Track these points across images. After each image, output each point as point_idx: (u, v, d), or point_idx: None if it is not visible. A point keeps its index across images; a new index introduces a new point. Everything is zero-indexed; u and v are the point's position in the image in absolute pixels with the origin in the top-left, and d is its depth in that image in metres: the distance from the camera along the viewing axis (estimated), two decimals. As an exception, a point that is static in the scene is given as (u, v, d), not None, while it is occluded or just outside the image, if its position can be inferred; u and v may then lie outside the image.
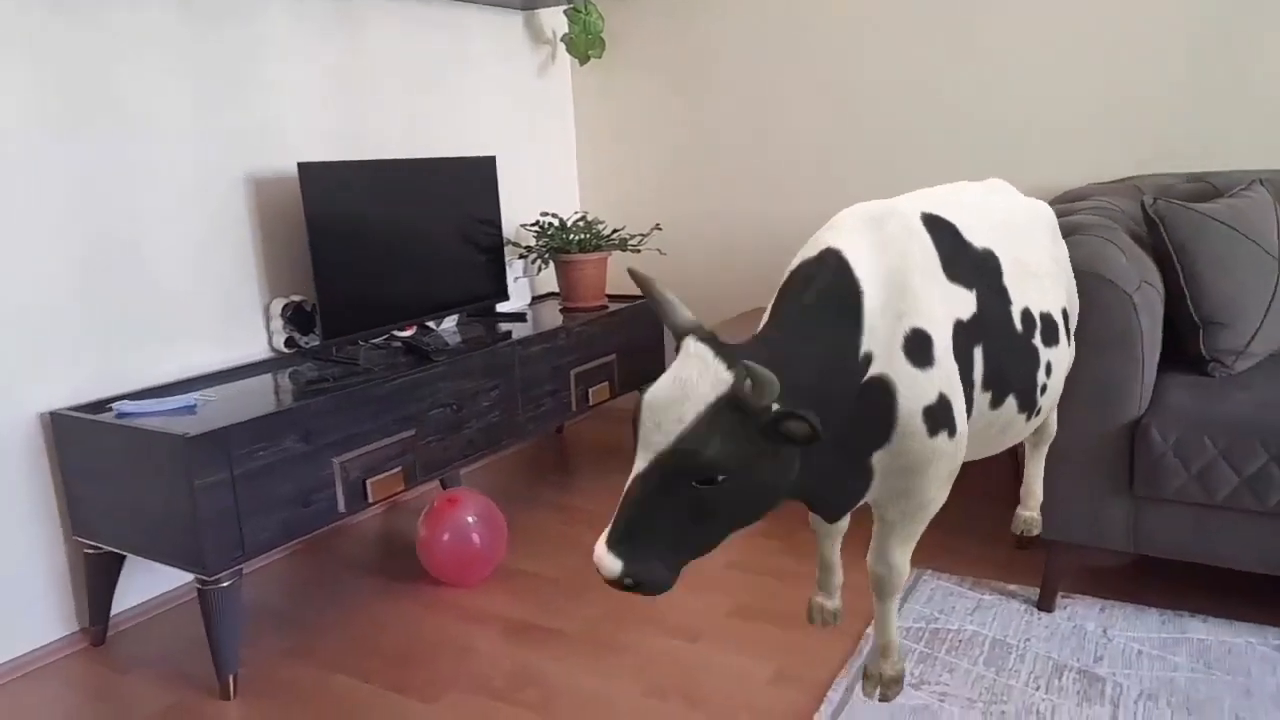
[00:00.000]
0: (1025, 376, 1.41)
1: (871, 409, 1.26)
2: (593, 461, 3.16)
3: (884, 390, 1.25)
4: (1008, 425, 1.44)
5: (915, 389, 1.25)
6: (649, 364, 3.15)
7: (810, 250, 1.33)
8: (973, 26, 2.79)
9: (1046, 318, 1.46)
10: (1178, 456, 1.78)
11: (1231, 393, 1.85)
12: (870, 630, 1.95)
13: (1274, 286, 2.01)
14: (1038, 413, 1.49)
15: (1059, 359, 1.50)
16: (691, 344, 1.15)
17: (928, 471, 1.30)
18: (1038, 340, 1.43)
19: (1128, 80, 2.62)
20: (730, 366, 1.11)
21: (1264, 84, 2.46)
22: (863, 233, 1.30)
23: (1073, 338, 1.66)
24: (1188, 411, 1.81)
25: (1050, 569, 1.98)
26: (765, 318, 1.36)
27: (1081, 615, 1.97)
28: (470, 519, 2.22)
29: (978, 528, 2.40)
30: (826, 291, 1.25)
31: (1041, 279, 1.48)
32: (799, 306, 1.26)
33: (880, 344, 1.25)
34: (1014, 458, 2.43)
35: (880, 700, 1.53)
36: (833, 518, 1.41)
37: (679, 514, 1.13)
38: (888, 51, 2.92)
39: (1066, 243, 1.75)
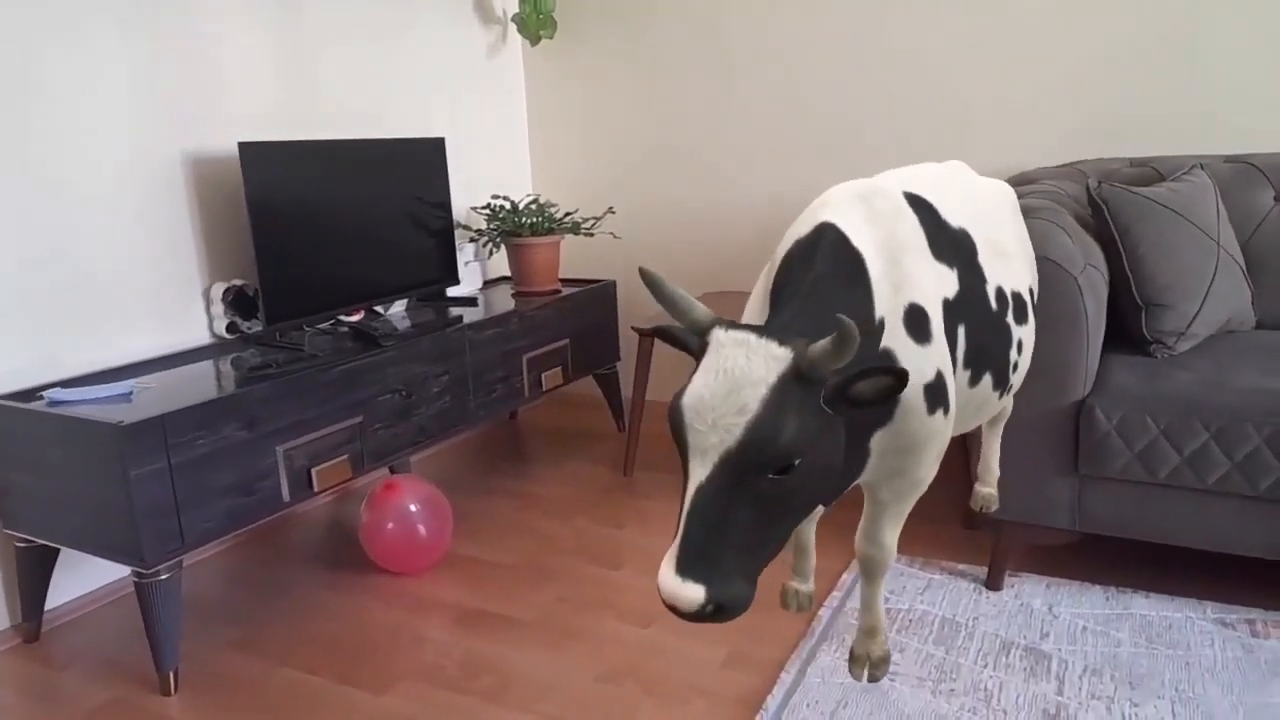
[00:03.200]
0: (1000, 355, 1.42)
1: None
2: (547, 447, 3.13)
3: (889, 364, 1.21)
4: (983, 403, 1.44)
5: (916, 365, 1.23)
6: (603, 348, 3.13)
7: (803, 228, 1.30)
8: (923, 14, 2.80)
9: (1017, 296, 1.47)
10: (1121, 436, 1.81)
11: (1173, 373, 1.89)
12: (823, 612, 1.96)
13: (1214, 269, 2.05)
14: (1009, 390, 1.50)
15: (1028, 337, 1.51)
16: (723, 334, 1.08)
17: (924, 451, 1.29)
18: (1010, 319, 1.44)
19: (1073, 66, 2.65)
20: (782, 342, 1.04)
21: (1206, 70, 2.50)
22: (854, 207, 1.28)
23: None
24: (1131, 392, 1.84)
25: (998, 548, 2.01)
26: (757, 303, 1.32)
27: (1028, 593, 2.00)
28: (413, 507, 2.18)
29: (927, 509, 2.42)
30: (832, 261, 1.22)
31: (1010, 258, 1.49)
32: (809, 280, 1.21)
33: (887, 312, 1.22)
34: (961, 439, 2.45)
35: (869, 681, 1.53)
36: (827, 502, 1.38)
37: (753, 515, 1.03)
38: (840, 37, 2.92)
39: (1015, 225, 1.77)
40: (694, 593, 1.00)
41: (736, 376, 1.03)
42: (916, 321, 1.24)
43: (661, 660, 1.84)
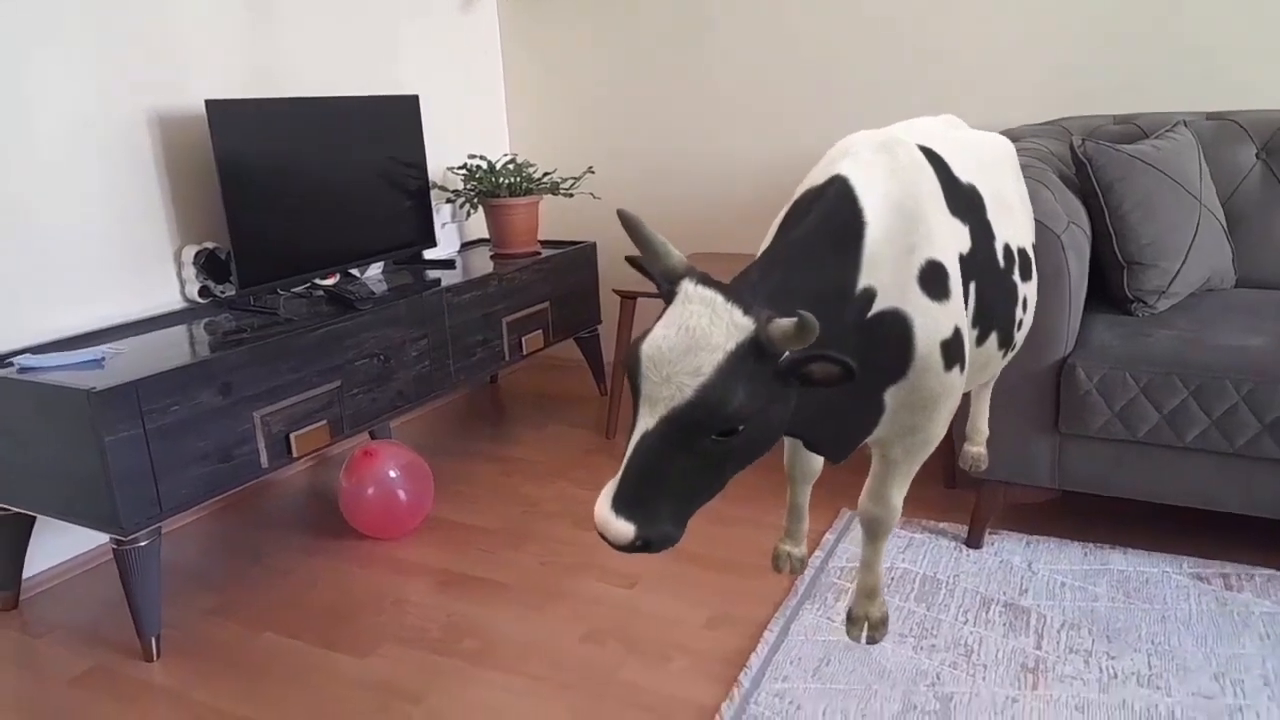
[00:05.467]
0: (1006, 312, 1.41)
1: (885, 343, 1.22)
2: (528, 411, 3.12)
3: (899, 324, 1.21)
4: (988, 361, 1.44)
5: (933, 322, 1.22)
6: (583, 311, 3.10)
7: (819, 176, 1.27)
8: (907, -36, 2.75)
9: (1022, 253, 1.46)
10: (1101, 395, 1.82)
11: (1153, 332, 1.89)
12: (806, 571, 1.97)
13: (1196, 227, 2.05)
14: (1013, 348, 1.49)
15: (1032, 294, 1.50)
16: (691, 288, 1.08)
17: (938, 408, 1.29)
18: (1016, 276, 1.43)
19: (1058, 23, 2.62)
20: (746, 311, 1.05)
21: (1188, 27, 2.48)
22: (876, 159, 1.25)
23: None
24: (1112, 351, 1.84)
25: (979, 507, 2.03)
26: (765, 245, 1.31)
27: (1008, 550, 2.02)
28: (393, 472, 2.17)
29: (909, 468, 2.44)
30: (825, 221, 1.20)
31: (1015, 214, 1.48)
32: (794, 238, 1.20)
33: (886, 277, 1.20)
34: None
35: (868, 643, 1.54)
36: (838, 457, 1.36)
37: (690, 467, 1.07)
38: (822, -11, 2.87)
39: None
40: (624, 529, 1.05)
41: (696, 337, 1.04)
42: (935, 278, 1.23)
43: (644, 620, 1.84)
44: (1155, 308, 2.01)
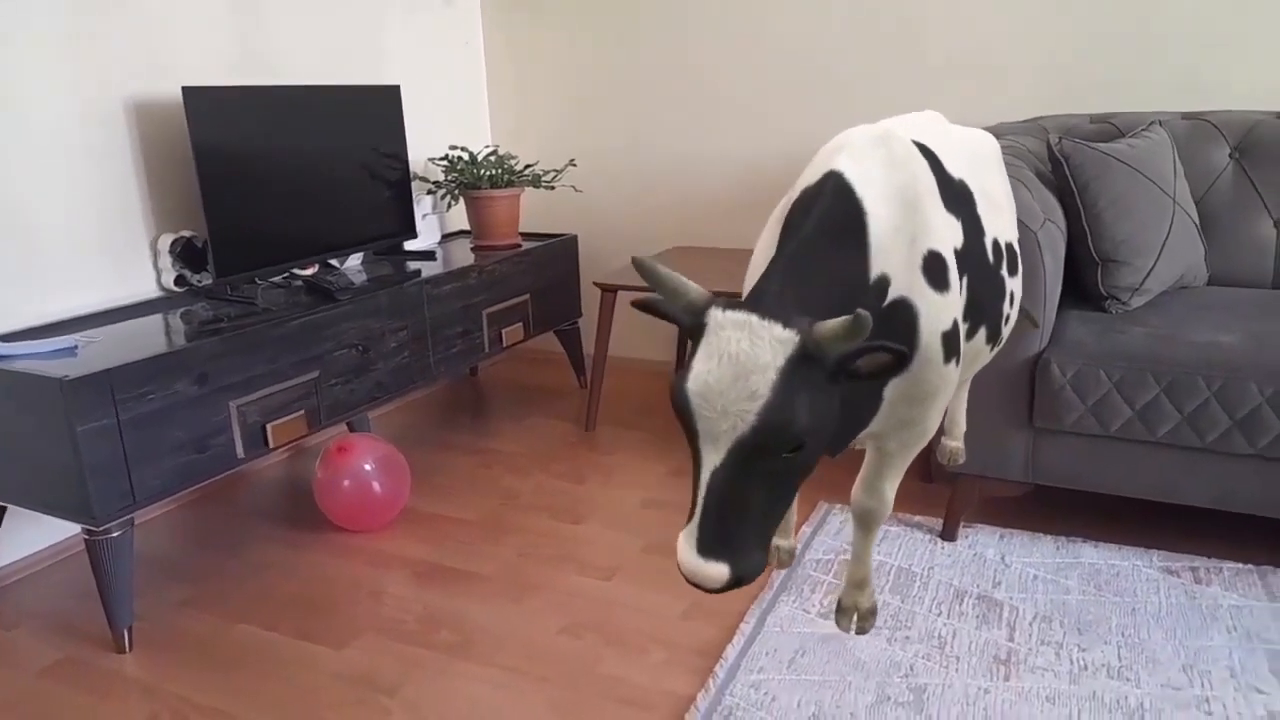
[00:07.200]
0: (994, 307, 1.42)
1: (893, 334, 1.21)
2: (508, 403, 3.11)
3: (908, 313, 1.22)
4: (975, 356, 1.45)
5: (935, 313, 1.23)
6: (564, 304, 3.10)
7: (813, 175, 1.27)
8: (889, -39, 2.76)
9: (1009, 248, 1.47)
10: (1075, 390, 1.84)
11: (1127, 328, 1.92)
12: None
13: (1169, 225, 2.07)
14: (999, 343, 1.50)
15: (1018, 289, 1.52)
16: (721, 315, 1.06)
17: (935, 400, 1.30)
18: (1004, 271, 1.44)
19: (1035, 22, 2.64)
20: (786, 324, 1.03)
21: (1164, 27, 2.51)
22: (870, 152, 1.25)
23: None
24: (1085, 347, 1.86)
25: (954, 500, 2.05)
26: (765, 247, 1.31)
27: (982, 544, 2.04)
28: (368, 465, 2.16)
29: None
30: (825, 217, 1.19)
31: (1001, 209, 1.49)
32: (800, 240, 1.19)
33: (897, 265, 1.21)
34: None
35: (857, 633, 1.55)
36: (835, 450, 1.35)
37: (767, 491, 1.06)
38: (804, -15, 2.88)
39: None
40: (718, 571, 1.04)
41: (742, 362, 1.02)
42: (936, 269, 1.23)
43: (622, 612, 1.85)
44: (1129, 305, 2.03)
